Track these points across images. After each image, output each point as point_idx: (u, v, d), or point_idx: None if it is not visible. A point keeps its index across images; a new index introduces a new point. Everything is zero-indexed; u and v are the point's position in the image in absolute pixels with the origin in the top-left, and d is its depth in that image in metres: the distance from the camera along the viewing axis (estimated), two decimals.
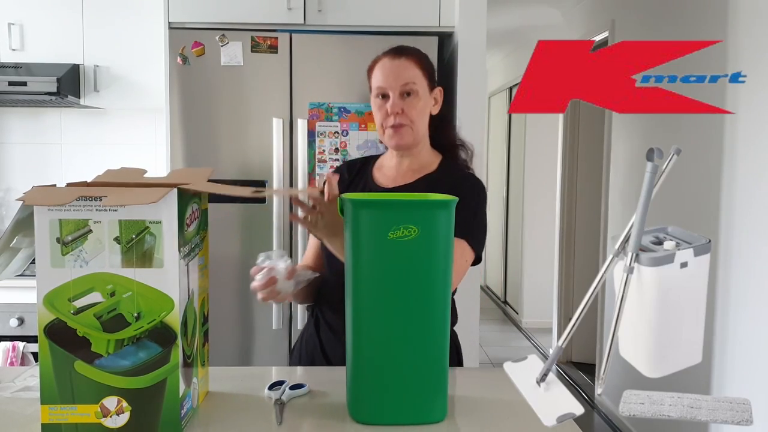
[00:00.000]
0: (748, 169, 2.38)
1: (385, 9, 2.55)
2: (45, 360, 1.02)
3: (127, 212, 1.01)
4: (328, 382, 1.28)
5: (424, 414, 1.13)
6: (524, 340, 5.34)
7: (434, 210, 1.11)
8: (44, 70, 2.70)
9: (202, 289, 1.20)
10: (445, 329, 1.14)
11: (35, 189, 1.04)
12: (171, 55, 2.47)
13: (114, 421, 1.02)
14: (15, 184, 3.14)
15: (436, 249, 1.10)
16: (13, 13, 2.80)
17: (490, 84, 6.63)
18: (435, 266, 1.11)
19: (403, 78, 1.47)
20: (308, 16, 2.53)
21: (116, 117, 3.14)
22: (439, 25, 2.57)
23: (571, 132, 4.54)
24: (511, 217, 6.34)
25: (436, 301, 1.12)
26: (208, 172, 1.21)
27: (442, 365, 1.14)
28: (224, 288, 2.48)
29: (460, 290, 1.50)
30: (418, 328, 1.11)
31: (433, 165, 1.56)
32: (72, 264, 1.01)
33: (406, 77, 1.47)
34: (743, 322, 2.39)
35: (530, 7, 4.57)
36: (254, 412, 1.16)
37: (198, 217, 1.14)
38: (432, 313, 1.12)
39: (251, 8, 2.54)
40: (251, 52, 2.47)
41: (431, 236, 1.09)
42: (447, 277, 1.13)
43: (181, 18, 2.51)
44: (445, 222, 1.11)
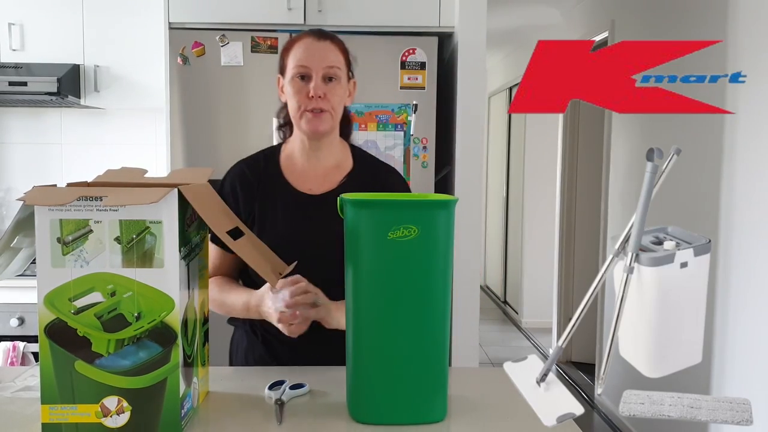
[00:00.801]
0: (748, 169, 2.38)
1: (385, 9, 2.55)
2: (45, 360, 1.02)
3: (128, 212, 1.01)
4: (328, 382, 1.28)
5: (424, 414, 1.13)
6: (524, 340, 5.34)
7: (434, 210, 1.11)
8: (44, 70, 2.70)
9: (202, 289, 1.20)
10: (445, 329, 1.14)
11: (36, 189, 1.04)
12: (171, 55, 2.47)
13: (114, 420, 1.02)
14: (15, 184, 3.14)
15: (436, 249, 1.10)
16: (13, 13, 2.80)
17: (490, 84, 6.63)
18: (435, 266, 1.11)
19: (328, 61, 1.40)
20: (308, 16, 2.54)
21: (116, 117, 3.14)
22: (439, 25, 2.57)
23: (571, 132, 4.54)
24: (510, 217, 6.34)
25: (436, 301, 1.12)
26: (208, 172, 1.21)
27: (442, 365, 1.14)
28: None
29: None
30: (418, 328, 1.11)
31: (347, 160, 1.51)
32: (72, 264, 1.01)
33: (330, 60, 1.41)
34: (743, 322, 2.40)
35: (530, 7, 4.57)
36: (254, 412, 1.16)
37: (198, 217, 1.14)
38: (432, 313, 1.12)
39: (251, 8, 2.54)
40: (251, 52, 2.47)
41: (431, 236, 1.09)
42: (447, 277, 1.13)
43: (181, 18, 2.51)
44: (445, 222, 1.11)
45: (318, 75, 1.40)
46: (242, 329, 1.54)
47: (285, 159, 1.50)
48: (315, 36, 1.43)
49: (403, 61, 2.50)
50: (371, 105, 2.48)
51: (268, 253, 1.24)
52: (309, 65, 1.40)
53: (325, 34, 1.45)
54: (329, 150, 1.48)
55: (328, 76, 1.40)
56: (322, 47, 1.41)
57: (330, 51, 1.42)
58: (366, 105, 2.47)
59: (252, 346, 1.52)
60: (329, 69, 1.40)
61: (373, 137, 2.48)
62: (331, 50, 1.42)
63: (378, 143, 2.48)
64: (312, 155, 1.47)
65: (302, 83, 1.40)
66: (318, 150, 1.47)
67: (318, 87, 1.39)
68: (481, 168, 2.59)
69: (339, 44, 1.45)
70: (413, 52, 2.49)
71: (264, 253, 1.22)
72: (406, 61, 2.50)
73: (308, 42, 1.42)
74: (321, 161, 1.48)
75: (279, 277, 1.22)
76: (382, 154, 2.48)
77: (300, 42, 1.43)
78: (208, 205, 1.11)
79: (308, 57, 1.40)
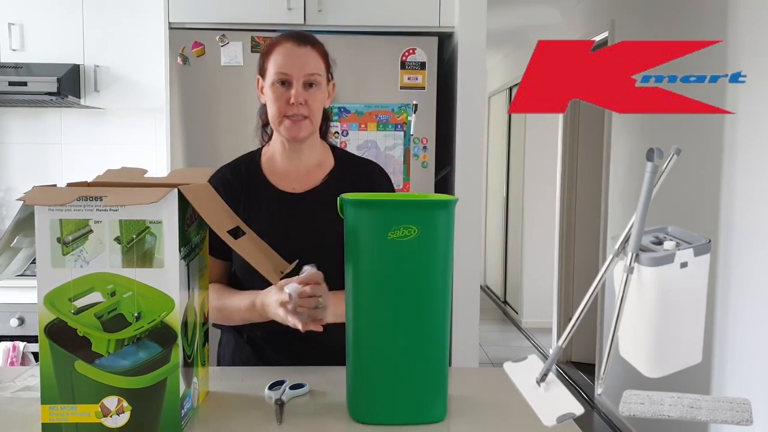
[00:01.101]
0: (748, 169, 2.38)
1: (385, 9, 2.55)
2: (45, 360, 1.02)
3: (128, 212, 1.01)
4: (328, 382, 1.28)
5: (424, 414, 1.13)
6: (524, 340, 5.34)
7: (434, 210, 1.11)
8: (44, 70, 2.70)
9: (202, 289, 1.20)
10: (444, 329, 1.14)
11: (36, 189, 1.04)
12: (171, 55, 2.47)
13: (114, 420, 1.02)
14: (15, 184, 3.14)
15: (435, 249, 1.10)
16: (13, 13, 2.80)
17: (490, 84, 6.63)
18: (435, 266, 1.11)
19: (309, 68, 1.40)
20: (308, 16, 2.53)
21: (116, 117, 3.14)
22: (439, 25, 2.57)
23: (571, 132, 4.54)
24: (510, 217, 6.34)
25: (436, 301, 1.12)
26: (208, 172, 1.21)
27: (442, 365, 1.14)
28: None
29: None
30: (418, 327, 1.11)
31: (329, 158, 1.52)
32: (72, 264, 1.01)
33: (311, 67, 1.41)
34: (743, 322, 2.39)
35: (530, 7, 4.57)
36: (254, 412, 1.16)
37: (198, 217, 1.14)
38: (432, 313, 1.12)
39: (251, 8, 2.53)
40: (251, 52, 2.47)
41: (431, 236, 1.09)
42: (447, 277, 1.13)
43: (181, 18, 2.51)
44: (445, 222, 1.11)
45: (299, 82, 1.40)
46: (229, 332, 1.54)
47: (266, 161, 1.51)
48: (295, 41, 1.42)
49: (403, 61, 2.50)
50: (371, 105, 2.48)
51: (269, 252, 1.23)
52: (289, 72, 1.40)
53: (305, 38, 1.44)
54: (310, 150, 1.49)
55: (309, 82, 1.41)
56: (302, 54, 1.41)
57: (311, 57, 1.42)
58: (366, 105, 2.47)
59: (239, 348, 1.52)
60: (310, 76, 1.41)
61: (373, 137, 2.48)
62: (311, 56, 1.42)
63: (378, 143, 2.48)
64: (293, 156, 1.48)
65: (282, 89, 1.41)
66: (299, 151, 1.48)
67: (299, 94, 1.39)
68: (481, 168, 2.58)
69: (319, 49, 1.45)
70: (413, 52, 2.49)
71: (265, 252, 1.22)
72: (406, 61, 2.50)
73: (289, 48, 1.42)
74: (303, 161, 1.49)
75: (281, 276, 1.22)
76: (382, 154, 2.48)
77: (280, 47, 1.42)
78: (208, 205, 1.11)
79: (289, 64, 1.40)
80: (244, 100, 2.49)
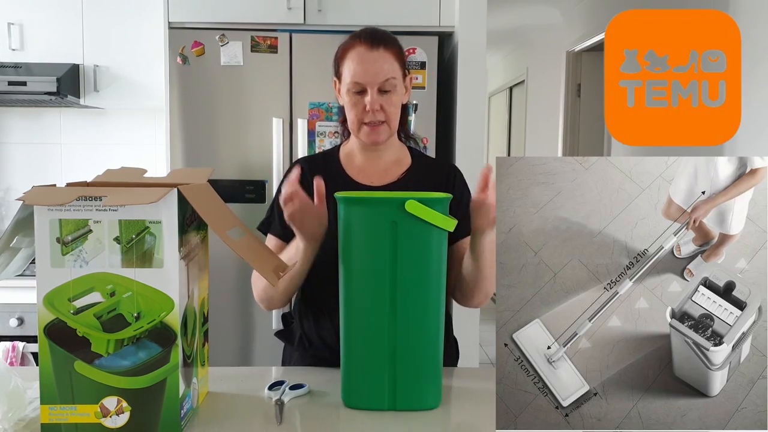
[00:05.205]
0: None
1: (385, 9, 2.55)
2: (45, 360, 1.02)
3: (127, 212, 1.01)
4: (328, 382, 1.28)
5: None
6: None
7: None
8: (44, 70, 2.70)
9: (202, 289, 1.19)
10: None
11: (35, 189, 1.04)
12: (171, 55, 2.47)
13: (114, 421, 1.02)
14: (15, 184, 3.14)
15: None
16: (13, 13, 2.80)
17: (490, 84, 6.63)
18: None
19: (384, 74, 1.37)
20: (308, 16, 2.53)
21: (116, 117, 3.13)
22: (439, 25, 2.57)
23: (571, 132, 4.54)
24: None
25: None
26: (208, 172, 1.21)
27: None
28: (224, 288, 2.48)
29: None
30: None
31: (406, 157, 1.52)
32: (72, 264, 1.01)
33: (386, 72, 1.37)
34: None
35: (530, 7, 4.57)
36: (254, 412, 1.16)
37: (198, 217, 1.14)
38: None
39: (251, 8, 2.53)
40: (251, 52, 2.47)
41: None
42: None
43: (181, 18, 2.51)
44: None
45: (373, 89, 1.37)
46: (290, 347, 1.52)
47: (345, 156, 1.52)
48: (367, 44, 1.38)
49: None
50: None
51: (268, 253, 1.23)
52: (363, 81, 1.37)
53: (377, 39, 1.39)
54: (389, 151, 1.50)
55: (384, 89, 1.38)
56: (375, 59, 1.37)
57: (384, 61, 1.37)
58: None
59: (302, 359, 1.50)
60: (384, 83, 1.37)
61: None
62: (385, 60, 1.38)
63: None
64: (372, 154, 1.49)
65: (358, 97, 1.39)
66: (377, 150, 1.48)
67: (374, 101, 1.37)
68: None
69: (392, 48, 1.40)
70: (413, 51, 2.48)
71: (265, 253, 1.22)
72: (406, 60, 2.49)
73: (361, 52, 1.37)
74: (381, 158, 1.49)
75: (280, 277, 1.21)
76: None
77: (353, 51, 1.39)
78: (208, 205, 1.10)
79: (362, 72, 1.37)
80: (243, 100, 2.49)
